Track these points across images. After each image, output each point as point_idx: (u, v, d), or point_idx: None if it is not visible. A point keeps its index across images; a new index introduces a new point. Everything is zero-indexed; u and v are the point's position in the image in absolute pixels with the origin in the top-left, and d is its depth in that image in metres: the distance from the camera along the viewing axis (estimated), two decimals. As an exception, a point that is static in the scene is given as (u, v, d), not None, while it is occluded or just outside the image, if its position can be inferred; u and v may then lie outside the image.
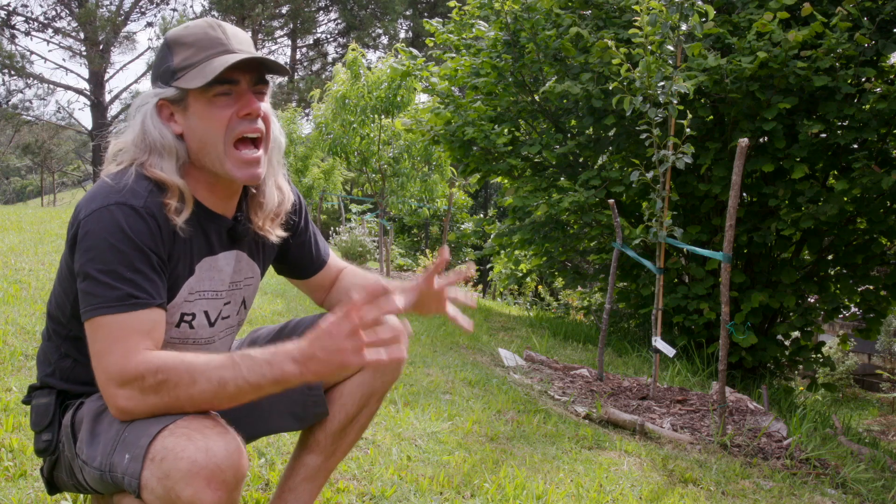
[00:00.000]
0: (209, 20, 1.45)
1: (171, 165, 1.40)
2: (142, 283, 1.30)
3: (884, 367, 13.41)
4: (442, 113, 7.93)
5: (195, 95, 1.39)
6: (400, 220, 17.77)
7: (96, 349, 1.28)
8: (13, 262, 4.83)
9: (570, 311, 11.18)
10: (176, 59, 1.41)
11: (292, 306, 5.21)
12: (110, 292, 1.28)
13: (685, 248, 4.24)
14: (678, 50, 4.30)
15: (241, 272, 1.57)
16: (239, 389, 1.27)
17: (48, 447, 1.46)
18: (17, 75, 25.03)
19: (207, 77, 1.36)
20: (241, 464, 1.23)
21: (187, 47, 1.41)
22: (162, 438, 1.23)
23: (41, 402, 1.49)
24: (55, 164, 38.45)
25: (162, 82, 1.42)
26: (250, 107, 1.40)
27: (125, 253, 1.30)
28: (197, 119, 1.40)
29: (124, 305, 1.28)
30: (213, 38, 1.41)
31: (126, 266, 1.29)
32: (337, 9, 29.81)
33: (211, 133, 1.40)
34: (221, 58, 1.38)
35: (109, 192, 1.35)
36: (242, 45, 1.43)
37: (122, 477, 1.26)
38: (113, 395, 1.27)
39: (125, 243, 1.30)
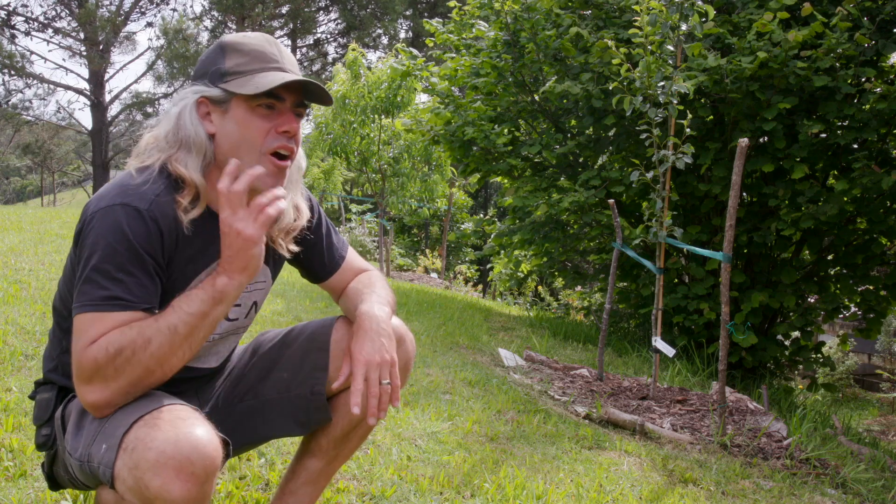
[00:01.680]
0: (268, 37, 1.49)
1: (196, 163, 1.42)
2: (131, 285, 1.31)
3: (884, 367, 13.41)
4: (442, 113, 7.93)
5: (239, 102, 1.42)
6: (400, 220, 17.77)
7: (73, 346, 1.31)
8: (13, 262, 4.83)
9: (570, 311, 11.18)
10: (228, 62, 1.44)
11: (292, 306, 5.21)
12: (97, 291, 1.30)
13: (685, 248, 4.24)
14: (678, 50, 4.30)
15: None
16: (189, 326, 1.31)
17: (47, 441, 1.48)
18: (17, 75, 25.02)
19: (260, 88, 1.39)
20: (212, 456, 1.22)
21: (242, 55, 1.44)
22: (136, 428, 1.23)
23: (43, 398, 1.51)
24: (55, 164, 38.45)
25: (209, 81, 1.44)
26: (290, 125, 1.44)
27: (120, 254, 1.31)
28: (235, 124, 1.42)
29: (107, 305, 1.29)
30: (269, 54, 1.45)
31: (118, 267, 1.31)
32: (337, 9, 29.81)
33: (248, 140, 1.42)
34: (275, 73, 1.42)
35: (120, 192, 1.37)
36: (293, 68, 1.48)
37: (98, 467, 1.27)
38: (84, 394, 1.29)
39: (122, 244, 1.31)
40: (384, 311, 1.62)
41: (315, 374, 1.65)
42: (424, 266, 15.51)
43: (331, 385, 1.66)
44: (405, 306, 6.27)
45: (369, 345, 1.54)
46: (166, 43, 24.03)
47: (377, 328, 1.57)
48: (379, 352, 1.53)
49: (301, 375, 1.66)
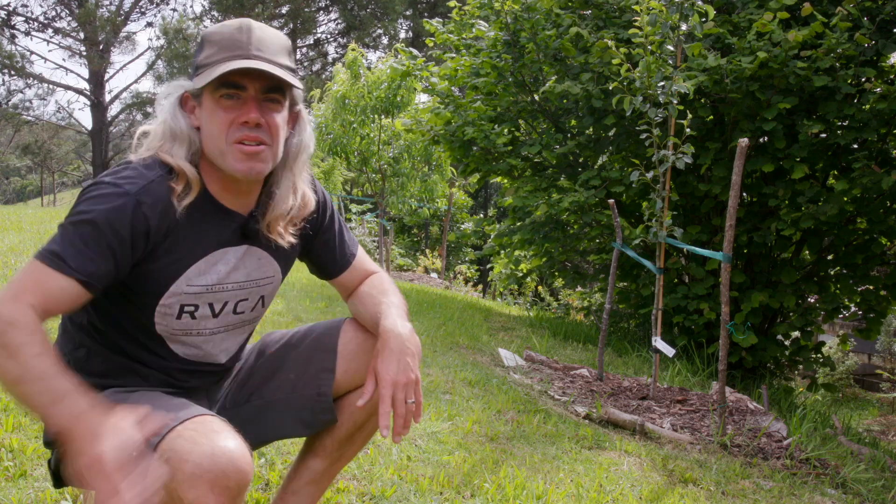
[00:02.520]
0: (243, 21, 1.47)
1: (181, 151, 1.43)
2: (80, 255, 1.31)
3: (884, 367, 13.41)
4: (442, 113, 7.93)
5: (207, 94, 1.43)
6: (400, 220, 17.77)
7: (12, 278, 1.32)
8: (13, 262, 4.83)
9: (570, 311, 11.18)
10: (202, 55, 1.45)
11: (292, 306, 5.21)
12: (51, 245, 1.32)
13: (685, 248, 4.24)
14: (678, 50, 4.30)
15: (261, 270, 1.57)
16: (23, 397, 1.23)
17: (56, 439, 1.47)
18: (17, 75, 25.04)
19: (207, 79, 1.39)
20: (246, 470, 1.23)
21: (213, 45, 1.44)
22: (170, 439, 1.22)
23: None
24: (55, 164, 38.46)
25: (191, 76, 1.47)
26: (247, 115, 1.41)
27: (87, 225, 1.32)
28: (206, 117, 1.44)
29: (49, 260, 1.29)
30: (236, 41, 1.43)
31: (79, 235, 1.32)
32: (337, 9, 29.81)
33: (214, 132, 1.42)
34: (233, 63, 1.40)
35: (113, 173, 1.40)
36: (264, 52, 1.43)
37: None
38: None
39: (94, 217, 1.33)
40: (407, 327, 1.60)
41: (322, 376, 1.65)
42: (424, 266, 15.51)
43: (339, 388, 1.66)
44: (405, 306, 6.26)
45: (395, 365, 1.53)
46: (166, 43, 24.03)
47: (402, 347, 1.55)
48: (405, 372, 1.53)
49: (307, 377, 1.66)
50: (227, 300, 1.54)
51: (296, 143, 1.52)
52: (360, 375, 1.64)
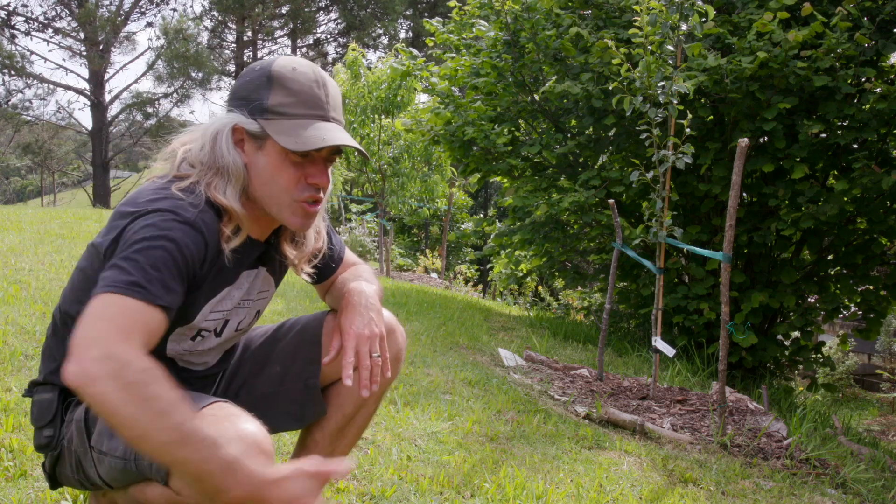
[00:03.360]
0: (318, 73, 1.44)
1: (234, 193, 1.41)
2: (157, 282, 1.27)
3: (884, 367, 13.41)
4: (442, 113, 7.93)
5: (274, 144, 1.40)
6: (400, 220, 17.77)
7: (92, 313, 1.21)
8: (13, 262, 4.82)
9: (571, 311, 11.18)
10: (273, 98, 1.40)
11: (292, 306, 5.21)
12: (125, 276, 1.25)
13: (685, 248, 4.24)
14: (678, 50, 4.30)
15: (258, 287, 1.60)
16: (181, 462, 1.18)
17: (50, 443, 1.47)
18: (17, 75, 25.02)
19: (300, 146, 1.37)
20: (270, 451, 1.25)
21: (288, 94, 1.41)
22: None
23: (43, 398, 1.49)
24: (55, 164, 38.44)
25: (247, 110, 1.41)
26: (321, 178, 1.43)
27: (154, 253, 1.28)
28: (267, 165, 1.41)
29: (133, 291, 1.24)
30: (315, 98, 1.42)
31: (151, 264, 1.27)
32: (337, 9, 29.81)
33: (278, 185, 1.42)
34: (319, 126, 1.39)
35: (169, 202, 1.34)
36: (337, 112, 1.45)
37: (148, 465, 1.27)
38: (89, 359, 1.15)
39: (159, 244, 1.28)
40: (371, 288, 1.65)
41: (309, 368, 1.66)
42: (424, 266, 15.51)
43: (325, 378, 1.66)
44: (405, 306, 6.26)
45: (359, 319, 1.56)
46: (166, 43, 24.01)
47: (365, 303, 1.59)
48: (368, 325, 1.56)
49: (294, 369, 1.67)
50: (230, 319, 1.55)
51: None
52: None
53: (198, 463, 1.16)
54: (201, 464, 1.16)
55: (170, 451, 1.16)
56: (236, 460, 1.17)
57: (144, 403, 1.14)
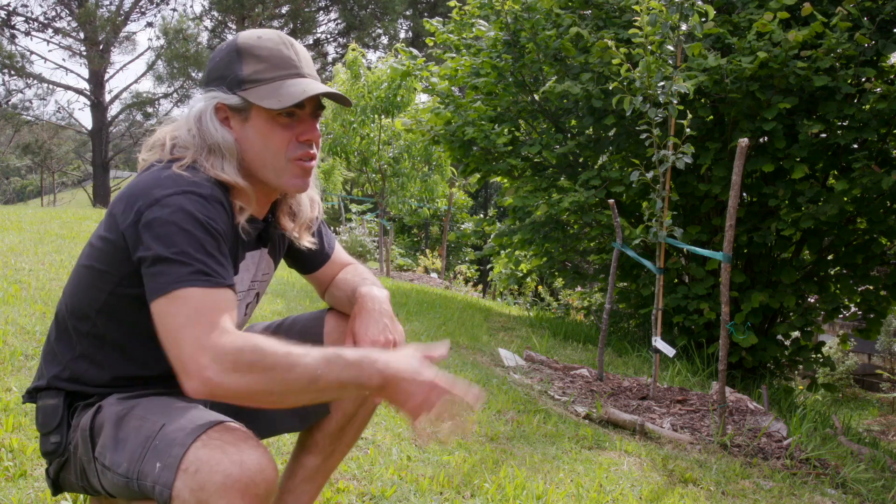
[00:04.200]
0: (283, 36, 1.46)
1: (232, 167, 1.41)
2: (213, 264, 1.28)
3: (884, 367, 13.40)
4: (442, 113, 7.93)
5: (259, 111, 1.41)
6: (400, 220, 17.77)
7: (179, 321, 1.23)
8: (13, 262, 4.82)
9: (571, 311, 11.18)
10: (246, 69, 1.42)
11: (292, 306, 5.21)
12: (183, 269, 1.25)
13: (685, 248, 4.24)
14: (678, 50, 4.30)
15: (261, 269, 1.60)
16: (328, 385, 1.26)
17: (57, 449, 1.45)
18: (17, 75, 25.02)
19: (284, 102, 1.39)
20: (273, 478, 1.24)
21: (259, 60, 1.42)
22: (195, 449, 1.22)
23: (48, 404, 1.46)
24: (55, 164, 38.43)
25: (227, 87, 1.42)
26: (312, 134, 1.44)
27: (195, 236, 1.28)
28: (256, 134, 1.42)
29: (201, 280, 1.25)
30: (286, 58, 1.43)
31: (196, 248, 1.27)
32: (337, 9, 29.81)
33: (271, 150, 1.43)
34: (296, 82, 1.41)
35: (175, 182, 1.33)
36: (310, 69, 1.46)
37: (151, 486, 1.25)
38: (203, 367, 1.20)
39: (195, 227, 1.28)
40: (383, 293, 1.63)
41: None
42: (424, 266, 15.51)
43: None
44: (405, 306, 6.26)
45: (374, 326, 1.55)
46: (166, 43, 24.02)
47: (380, 308, 1.58)
48: (383, 332, 1.54)
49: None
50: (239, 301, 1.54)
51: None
52: None
53: (350, 380, 1.27)
54: (343, 388, 1.28)
55: (314, 393, 1.26)
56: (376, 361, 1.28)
57: (271, 374, 1.22)
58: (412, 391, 1.30)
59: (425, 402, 1.30)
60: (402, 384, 1.29)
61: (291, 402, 1.28)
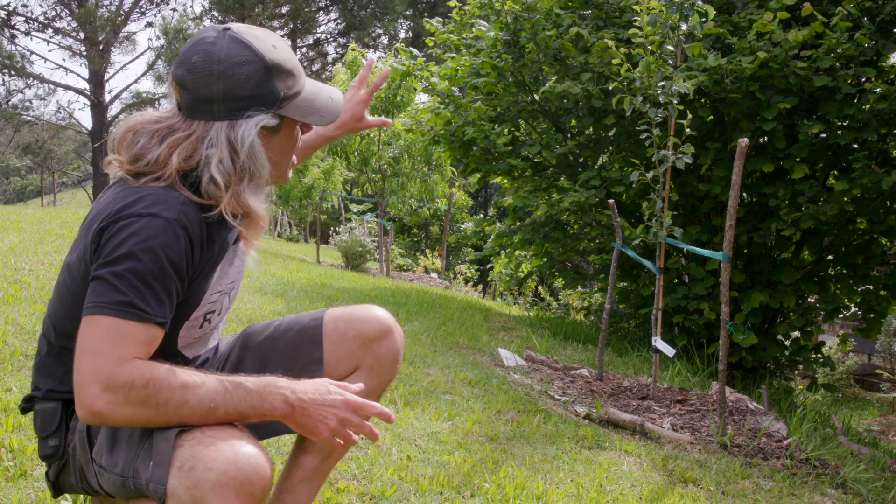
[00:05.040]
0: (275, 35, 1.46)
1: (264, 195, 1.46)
2: (148, 297, 1.27)
3: (884, 367, 13.41)
4: (442, 113, 7.93)
5: (289, 124, 1.44)
6: (400, 220, 17.78)
7: (86, 346, 1.24)
8: (13, 262, 4.82)
9: (570, 311, 11.18)
10: (280, 84, 1.40)
11: (292, 306, 5.21)
12: (114, 295, 1.25)
13: (685, 248, 4.24)
14: (678, 50, 4.30)
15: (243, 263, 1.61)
16: (227, 416, 1.28)
17: (56, 452, 1.45)
18: (17, 75, 25.03)
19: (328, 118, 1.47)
20: (268, 475, 1.24)
21: (288, 75, 1.41)
22: (190, 446, 1.22)
23: (47, 408, 1.47)
24: (55, 164, 38.46)
25: (264, 106, 1.38)
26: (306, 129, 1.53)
27: (143, 265, 1.27)
28: (283, 144, 1.46)
29: (124, 312, 1.25)
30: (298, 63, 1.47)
31: (138, 276, 1.27)
32: (337, 9, 29.82)
33: (287, 156, 1.48)
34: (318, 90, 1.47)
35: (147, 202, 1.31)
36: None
37: (146, 484, 1.25)
38: (92, 397, 1.22)
39: (146, 255, 1.27)
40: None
41: (310, 367, 1.65)
42: (424, 266, 15.51)
43: (325, 373, 1.66)
44: (405, 306, 6.26)
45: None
46: (166, 43, 24.03)
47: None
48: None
49: (296, 370, 1.66)
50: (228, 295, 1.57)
51: None
52: (343, 365, 1.66)
53: (249, 410, 1.29)
54: (244, 418, 1.30)
55: (214, 421, 1.28)
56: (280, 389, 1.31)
57: (163, 408, 1.24)
58: (323, 415, 1.32)
59: (338, 428, 1.32)
60: (311, 409, 1.31)
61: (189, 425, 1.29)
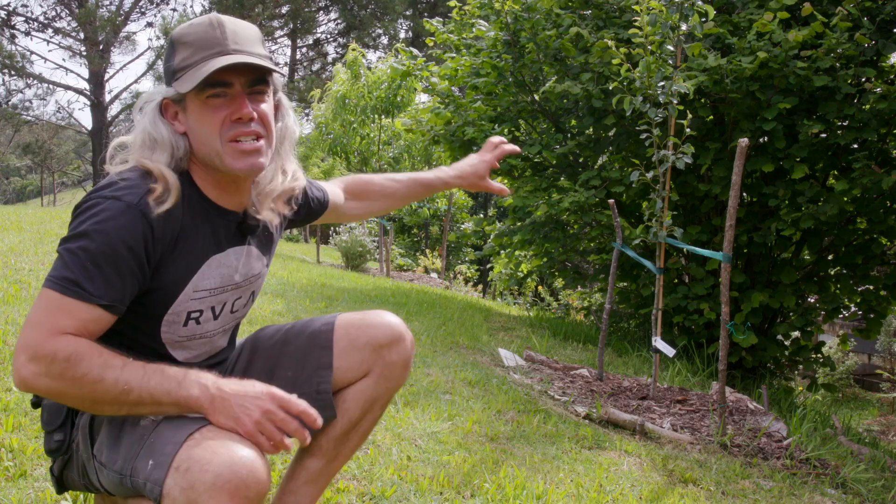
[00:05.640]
0: (212, 17, 1.44)
1: (162, 157, 1.41)
2: (96, 279, 1.29)
3: (884, 367, 13.41)
4: (442, 113, 7.93)
5: (191, 97, 1.40)
6: (400, 220, 17.77)
7: (29, 316, 1.29)
8: (13, 262, 4.82)
9: (570, 311, 11.18)
10: (177, 58, 1.42)
11: (292, 306, 5.21)
12: (63, 272, 1.29)
13: (685, 248, 4.24)
14: (678, 50, 4.30)
15: (252, 267, 1.59)
16: (140, 399, 1.28)
17: (60, 447, 1.46)
18: (17, 75, 25.04)
19: (194, 82, 1.37)
20: (264, 479, 1.24)
21: (187, 47, 1.41)
22: (188, 448, 1.23)
23: (53, 402, 1.48)
24: (55, 164, 38.47)
25: (166, 82, 1.44)
26: (241, 111, 1.40)
27: (95, 245, 1.30)
28: (195, 121, 1.41)
29: (66, 290, 1.27)
30: (211, 38, 1.40)
31: (89, 257, 1.29)
32: (337, 9, 29.82)
33: (207, 134, 1.41)
34: (213, 60, 1.37)
35: (108, 185, 1.36)
36: (241, 45, 1.41)
37: (143, 483, 1.26)
38: (20, 365, 1.25)
39: (100, 237, 1.30)
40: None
41: (319, 373, 1.65)
42: (424, 266, 15.50)
43: (335, 384, 1.66)
44: (405, 306, 6.27)
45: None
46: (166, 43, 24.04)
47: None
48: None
49: (305, 374, 1.65)
50: (227, 301, 1.55)
51: (280, 127, 1.53)
52: (353, 371, 1.65)
53: (163, 396, 1.28)
54: (158, 405, 1.29)
55: (128, 405, 1.28)
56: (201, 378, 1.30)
57: (78, 383, 1.25)
58: (246, 407, 1.28)
59: (261, 420, 1.29)
60: (232, 400, 1.29)
61: (109, 411, 1.30)
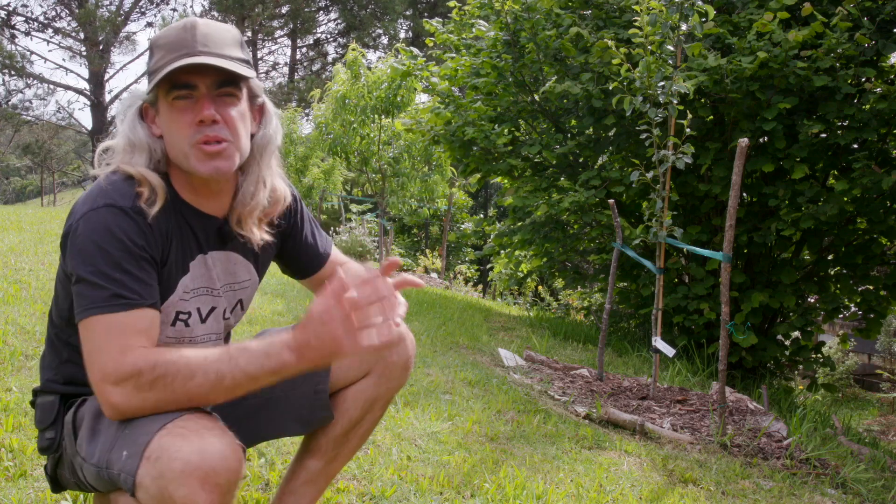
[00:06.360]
0: (187, 20, 1.43)
1: (141, 160, 1.41)
2: (130, 283, 1.30)
3: (884, 367, 13.40)
4: (442, 113, 7.93)
5: (161, 99, 1.40)
6: (400, 220, 17.77)
7: (89, 349, 1.29)
8: (13, 262, 4.82)
9: (570, 311, 11.18)
10: (151, 61, 1.43)
11: (292, 306, 5.21)
12: (99, 293, 1.28)
13: (685, 248, 4.24)
14: (678, 50, 4.30)
15: (237, 274, 1.57)
16: (236, 382, 1.28)
17: (51, 445, 1.47)
18: (17, 75, 25.04)
19: (154, 82, 1.37)
20: (236, 467, 1.23)
21: (160, 49, 1.41)
22: (159, 437, 1.22)
23: (45, 401, 1.49)
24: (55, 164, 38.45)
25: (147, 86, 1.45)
26: (202, 113, 1.37)
27: (112, 254, 1.30)
28: (164, 122, 1.41)
29: (113, 305, 1.28)
30: (181, 41, 1.39)
31: (113, 266, 1.29)
32: (337, 9, 29.81)
33: (175, 136, 1.40)
34: (176, 62, 1.36)
35: (97, 195, 1.36)
36: (211, 47, 1.39)
37: (118, 474, 1.25)
38: (108, 393, 1.26)
39: (112, 244, 1.30)
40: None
41: (318, 373, 1.65)
42: (424, 266, 15.50)
43: (333, 385, 1.66)
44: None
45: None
46: (166, 43, 24.00)
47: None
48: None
49: (304, 376, 1.65)
50: (215, 305, 1.54)
51: (261, 136, 1.49)
52: (353, 371, 1.65)
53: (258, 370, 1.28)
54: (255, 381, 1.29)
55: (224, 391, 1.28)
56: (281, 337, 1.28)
57: (171, 387, 1.25)
58: (330, 330, 1.23)
59: (350, 329, 1.23)
60: (312, 338, 1.24)
61: (211, 402, 1.30)
